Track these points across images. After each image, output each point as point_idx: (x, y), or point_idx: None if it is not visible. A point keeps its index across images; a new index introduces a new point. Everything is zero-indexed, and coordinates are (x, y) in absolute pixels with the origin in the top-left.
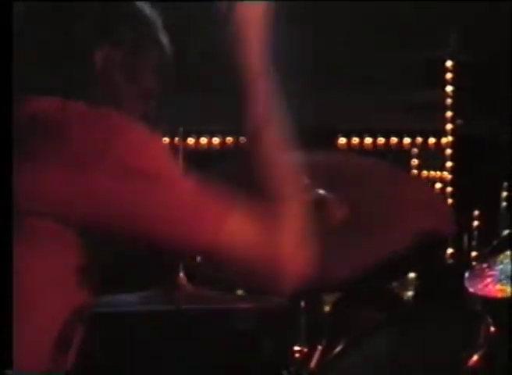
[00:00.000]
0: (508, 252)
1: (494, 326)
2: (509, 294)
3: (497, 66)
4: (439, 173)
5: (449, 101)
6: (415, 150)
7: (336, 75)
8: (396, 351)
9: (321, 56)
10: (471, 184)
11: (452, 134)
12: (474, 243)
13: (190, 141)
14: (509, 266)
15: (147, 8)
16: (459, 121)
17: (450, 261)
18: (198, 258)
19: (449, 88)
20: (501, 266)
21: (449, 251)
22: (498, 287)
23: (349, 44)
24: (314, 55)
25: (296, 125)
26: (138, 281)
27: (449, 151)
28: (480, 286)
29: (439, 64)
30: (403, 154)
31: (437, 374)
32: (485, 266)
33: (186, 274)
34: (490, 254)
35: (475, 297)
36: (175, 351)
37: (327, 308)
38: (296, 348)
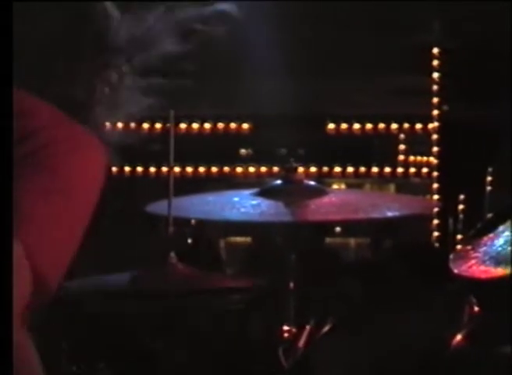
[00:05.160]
0: (491, 235)
1: (477, 306)
2: (492, 275)
3: (483, 53)
4: (425, 158)
5: (435, 87)
6: (402, 135)
7: (325, 63)
8: (383, 330)
9: (310, 44)
10: (457, 169)
11: (438, 120)
12: (459, 226)
13: (182, 126)
14: (492, 248)
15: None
16: (445, 107)
17: (436, 243)
18: (189, 240)
19: (435, 75)
20: (485, 248)
21: (435, 234)
22: (482, 268)
23: (337, 32)
24: (304, 44)
25: (287, 111)
26: (130, 261)
27: (435, 136)
28: (464, 267)
29: (426, 51)
30: (390, 139)
31: (423, 351)
32: (469, 248)
33: (177, 254)
34: (474, 236)
35: (460, 278)
36: (164, 331)
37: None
38: (285, 327)
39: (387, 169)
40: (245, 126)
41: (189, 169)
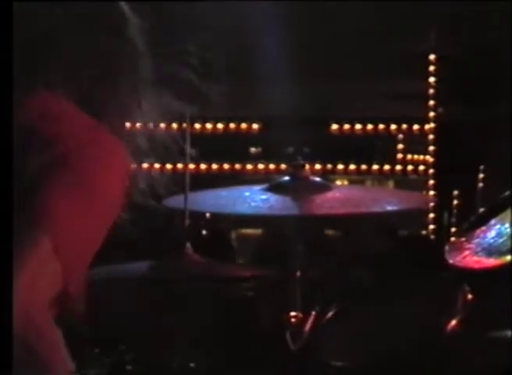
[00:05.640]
0: (484, 228)
1: (471, 294)
2: (484, 265)
3: (476, 60)
4: (422, 156)
5: (431, 91)
6: (401, 136)
7: (329, 68)
8: (382, 316)
9: (317, 52)
10: (451, 167)
11: (434, 121)
12: (453, 220)
13: (197, 126)
14: (485, 240)
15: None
16: (440, 109)
17: (432, 236)
18: (204, 232)
19: (431, 79)
20: (477, 240)
21: (431, 227)
22: (475, 258)
23: (341, 40)
24: (310, 51)
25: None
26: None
27: (431, 136)
28: (459, 258)
29: (423, 57)
30: (389, 139)
31: (420, 335)
32: (463, 240)
33: (193, 245)
34: (468, 229)
35: (455, 268)
36: (180, 315)
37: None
38: (292, 313)
39: (387, 167)
40: (255, 126)
41: (203, 166)
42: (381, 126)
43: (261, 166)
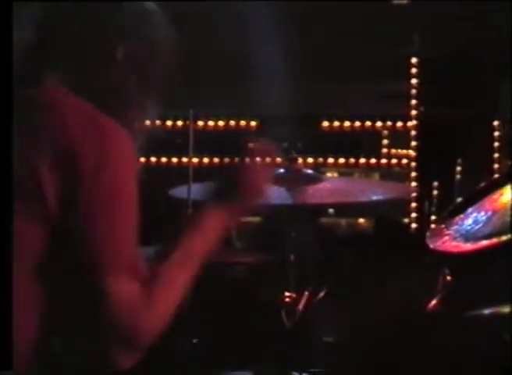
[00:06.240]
0: (462, 216)
1: (450, 276)
2: (462, 250)
3: (454, 63)
4: (405, 150)
5: (413, 91)
6: (386, 132)
7: (321, 70)
8: (369, 296)
9: (310, 55)
10: (432, 160)
11: (416, 119)
12: (433, 208)
13: (200, 123)
14: (462, 227)
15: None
16: (422, 108)
17: (414, 223)
18: None
19: (413, 81)
20: (456, 227)
21: (414, 215)
22: (453, 243)
23: (332, 44)
24: (303, 54)
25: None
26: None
27: (413, 132)
28: (439, 243)
29: (406, 61)
30: (375, 135)
31: (404, 313)
32: (442, 226)
33: None
34: (447, 217)
35: (435, 252)
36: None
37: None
38: (287, 293)
39: (373, 160)
40: (253, 123)
41: (205, 160)
42: (367, 123)
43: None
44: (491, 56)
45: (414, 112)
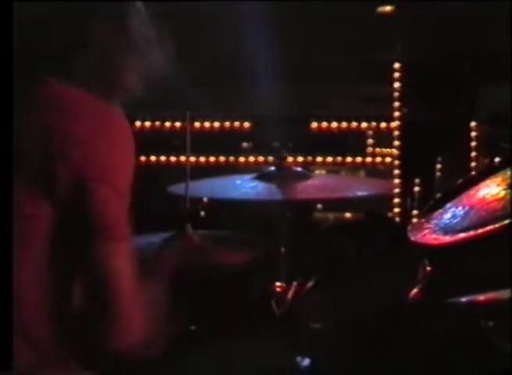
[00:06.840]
0: (441, 210)
1: (430, 267)
2: (441, 242)
3: (435, 67)
4: (389, 149)
5: (396, 94)
6: (370, 132)
7: (310, 74)
8: (354, 285)
9: (298, 60)
10: (414, 159)
11: (399, 120)
12: (415, 204)
13: (196, 124)
14: (441, 221)
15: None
16: (404, 110)
17: (397, 217)
18: (202, 213)
19: (396, 84)
20: (435, 221)
21: (396, 210)
22: (433, 236)
23: (320, 50)
24: (294, 59)
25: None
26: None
27: (396, 132)
28: (419, 236)
29: (389, 65)
30: (361, 135)
31: (386, 302)
32: (423, 220)
33: (192, 226)
34: (427, 211)
35: (416, 244)
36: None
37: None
38: (277, 283)
39: (358, 159)
40: (246, 124)
41: (202, 159)
42: (354, 123)
43: (251, 159)
44: (469, 62)
45: (397, 114)
